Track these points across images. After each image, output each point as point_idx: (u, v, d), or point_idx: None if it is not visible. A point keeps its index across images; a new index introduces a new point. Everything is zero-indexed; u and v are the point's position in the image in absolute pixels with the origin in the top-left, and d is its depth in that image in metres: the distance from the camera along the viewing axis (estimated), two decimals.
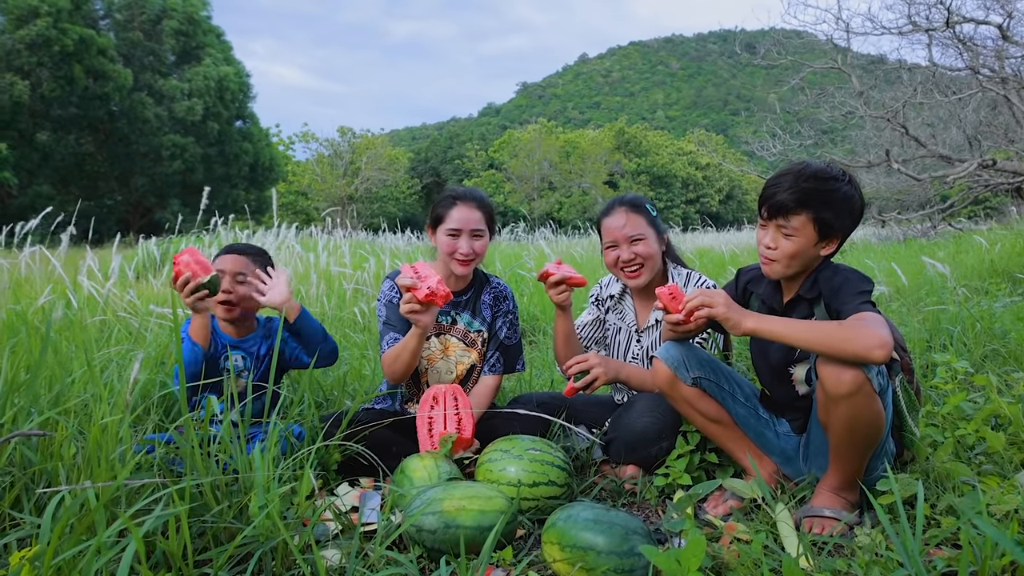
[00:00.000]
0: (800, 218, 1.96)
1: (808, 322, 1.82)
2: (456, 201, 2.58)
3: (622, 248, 2.55)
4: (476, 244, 2.56)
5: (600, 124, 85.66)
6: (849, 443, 1.85)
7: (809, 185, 1.94)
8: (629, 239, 2.53)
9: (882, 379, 1.82)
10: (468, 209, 2.56)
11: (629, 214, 2.55)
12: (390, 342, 2.54)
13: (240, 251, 2.58)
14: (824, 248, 2.00)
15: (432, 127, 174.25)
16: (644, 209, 2.58)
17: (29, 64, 28.66)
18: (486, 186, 54.65)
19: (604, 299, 2.83)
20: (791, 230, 1.97)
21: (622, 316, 2.75)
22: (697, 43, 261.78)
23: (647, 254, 2.54)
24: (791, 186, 1.95)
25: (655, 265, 2.57)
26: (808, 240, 1.97)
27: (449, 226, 2.55)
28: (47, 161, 30.93)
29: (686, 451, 2.29)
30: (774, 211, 1.99)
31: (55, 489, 1.41)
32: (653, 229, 2.56)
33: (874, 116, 14.60)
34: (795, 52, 16.53)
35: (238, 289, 2.51)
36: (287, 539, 1.40)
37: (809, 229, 1.96)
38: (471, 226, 2.55)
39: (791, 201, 1.95)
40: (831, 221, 1.95)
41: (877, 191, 19.19)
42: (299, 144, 53.08)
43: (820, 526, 1.87)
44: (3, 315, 3.77)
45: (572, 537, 1.68)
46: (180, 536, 1.39)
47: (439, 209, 2.61)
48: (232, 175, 36.60)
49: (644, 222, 2.55)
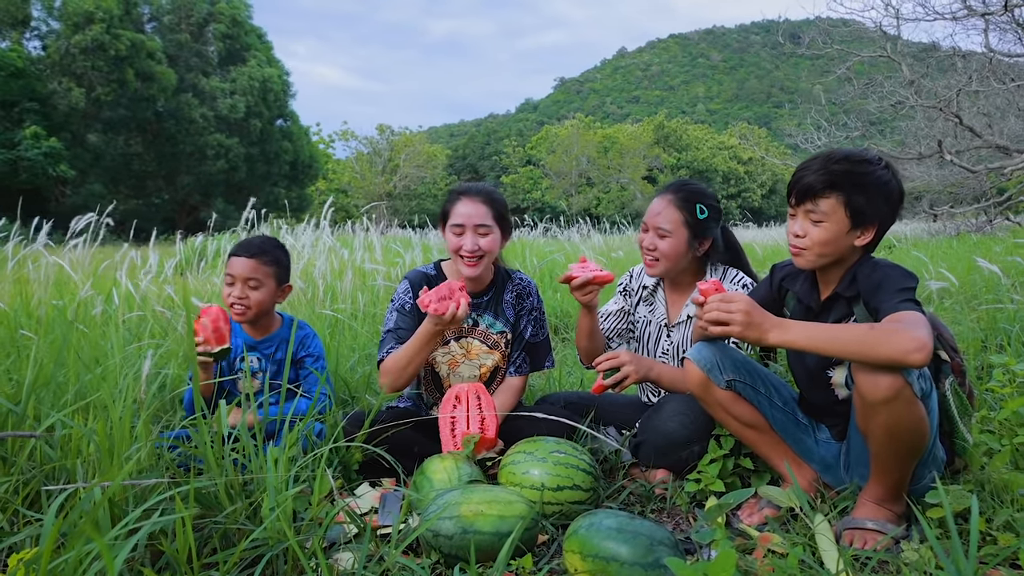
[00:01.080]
0: (829, 201, 1.83)
1: (838, 327, 1.69)
2: (461, 196, 2.47)
3: (650, 234, 2.43)
4: (482, 241, 2.42)
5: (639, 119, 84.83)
6: (890, 451, 1.72)
7: (840, 167, 1.81)
8: (657, 229, 2.41)
9: (924, 383, 1.68)
10: (473, 204, 2.44)
11: (669, 206, 2.40)
12: (391, 351, 2.41)
13: (253, 252, 2.46)
14: (859, 238, 1.86)
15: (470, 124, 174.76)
16: (690, 207, 2.40)
17: (83, 68, 29.60)
18: (523, 182, 54.61)
19: (634, 289, 2.71)
20: (820, 215, 1.84)
21: (653, 309, 2.63)
22: (739, 34, 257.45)
23: (665, 252, 2.40)
24: (820, 168, 1.83)
25: (673, 265, 2.44)
26: (839, 227, 1.84)
27: (453, 222, 2.44)
28: (98, 161, 31.92)
29: (719, 456, 2.18)
30: (802, 195, 1.86)
31: (60, 487, 1.37)
32: (688, 229, 2.40)
33: (926, 106, 14.06)
34: (841, 41, 16.05)
35: (251, 295, 2.43)
36: (292, 544, 1.33)
37: (840, 214, 1.83)
38: (475, 221, 2.41)
39: (820, 183, 1.82)
40: (863, 207, 1.82)
41: (929, 184, 18.53)
42: (339, 142, 53.74)
43: (862, 540, 1.75)
44: (43, 311, 3.82)
45: (594, 546, 1.59)
46: (185, 538, 1.33)
47: (446, 205, 2.51)
48: (273, 173, 37.29)
49: (680, 220, 2.39)
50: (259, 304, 2.46)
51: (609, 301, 2.78)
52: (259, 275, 2.44)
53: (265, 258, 2.47)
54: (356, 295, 5.48)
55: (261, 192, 36.10)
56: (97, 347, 2.88)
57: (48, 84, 29.04)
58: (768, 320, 1.73)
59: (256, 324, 2.53)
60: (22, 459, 1.64)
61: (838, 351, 1.64)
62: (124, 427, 1.60)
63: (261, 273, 2.45)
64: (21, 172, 27.50)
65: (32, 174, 27.40)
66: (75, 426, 1.55)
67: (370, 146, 52.21)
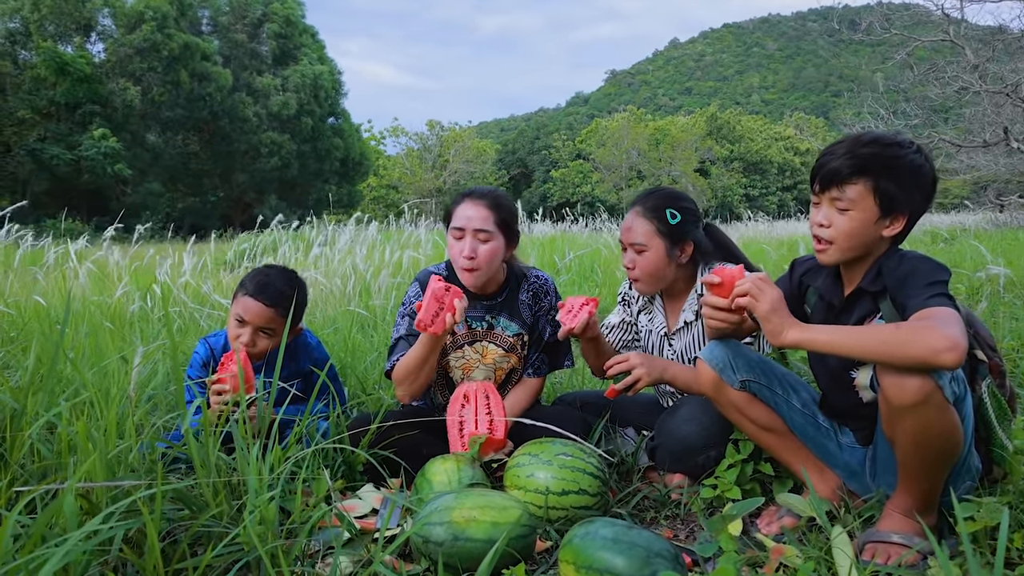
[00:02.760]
0: (857, 188, 1.68)
1: (860, 329, 1.55)
2: (465, 198, 2.34)
3: (628, 252, 2.31)
4: (481, 248, 2.26)
5: (691, 110, 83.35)
6: (919, 460, 1.58)
7: (868, 150, 1.67)
8: (633, 245, 2.28)
9: (957, 386, 1.54)
10: (475, 207, 2.28)
11: (638, 218, 2.27)
12: (400, 359, 2.30)
13: (273, 301, 2.29)
14: (888, 228, 1.71)
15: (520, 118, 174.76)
16: (659, 215, 2.25)
17: (140, 69, 30.63)
18: (573, 176, 54.28)
19: (634, 297, 2.59)
20: (847, 203, 1.69)
21: (652, 319, 2.51)
22: (795, 22, 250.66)
23: (645, 267, 2.27)
24: (847, 152, 1.68)
25: (658, 278, 2.31)
26: (868, 216, 1.69)
27: (454, 224, 2.30)
28: (157, 161, 32.96)
29: (737, 460, 2.05)
30: (827, 181, 1.72)
31: (29, 488, 1.35)
32: (663, 239, 2.25)
33: (991, 91, 13.42)
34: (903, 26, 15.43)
35: (259, 343, 2.31)
36: (261, 553, 1.29)
37: (868, 202, 1.68)
38: (476, 225, 2.26)
39: (847, 168, 1.68)
40: (894, 193, 1.67)
41: (996, 173, 17.69)
42: (389, 139, 54.29)
43: (886, 554, 1.61)
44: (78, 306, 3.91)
45: (588, 557, 1.50)
46: (152, 543, 1.30)
47: (451, 206, 2.38)
48: (324, 170, 37.89)
49: (652, 231, 2.24)
50: (266, 349, 2.34)
51: (611, 314, 2.67)
52: (273, 324, 2.30)
53: (282, 308, 2.30)
54: (391, 292, 5.49)
55: (313, 189, 36.78)
56: (122, 343, 2.92)
57: (107, 85, 30.00)
58: (790, 319, 1.62)
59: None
60: (16, 457, 1.64)
61: (862, 354, 1.52)
62: (110, 425, 1.58)
63: (276, 323, 2.30)
64: (84, 172, 28.52)
65: (94, 174, 28.36)
66: (60, 425, 1.53)
67: (420, 142, 52.59)
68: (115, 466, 1.59)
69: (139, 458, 1.64)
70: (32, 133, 29.19)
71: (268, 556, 1.38)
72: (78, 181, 28.57)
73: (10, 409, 1.78)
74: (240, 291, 2.32)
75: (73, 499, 1.28)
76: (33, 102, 28.89)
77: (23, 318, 3.46)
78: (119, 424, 1.69)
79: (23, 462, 1.70)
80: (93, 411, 1.79)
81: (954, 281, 6.09)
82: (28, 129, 29.28)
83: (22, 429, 1.71)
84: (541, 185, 56.94)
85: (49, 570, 1.03)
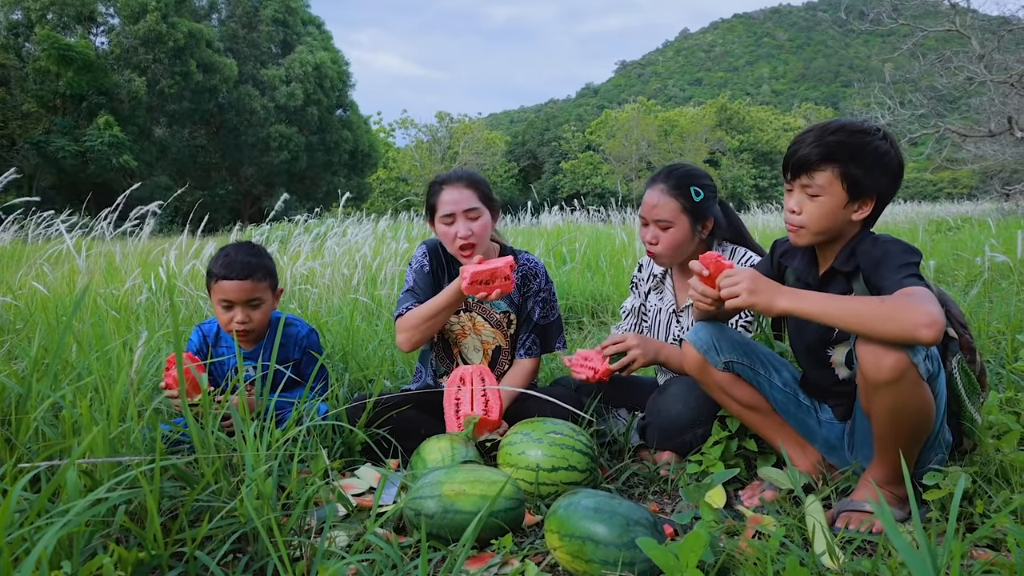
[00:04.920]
0: (825, 174, 1.75)
1: (848, 298, 1.62)
2: (444, 185, 2.44)
3: (650, 228, 2.38)
4: (474, 225, 2.39)
5: (702, 101, 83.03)
6: (894, 434, 1.65)
7: (835, 138, 1.74)
8: (657, 222, 2.34)
9: (931, 364, 1.60)
10: (456, 190, 2.41)
11: (664, 195, 2.32)
12: (409, 308, 2.43)
13: (246, 273, 2.35)
14: (857, 212, 1.78)
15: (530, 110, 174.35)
16: (684, 193, 2.32)
17: (146, 61, 30.43)
18: (583, 168, 54.17)
19: (644, 279, 2.67)
20: (816, 188, 1.76)
21: (662, 296, 2.59)
22: (806, 12, 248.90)
23: (669, 243, 2.33)
24: (815, 140, 1.75)
25: (680, 254, 2.38)
26: (836, 201, 1.76)
27: (442, 212, 2.41)
28: (164, 154, 32.94)
29: (722, 437, 2.13)
30: (797, 168, 1.79)
31: (32, 465, 1.43)
32: (688, 216, 2.32)
33: (997, 80, 13.34)
34: (912, 16, 15.34)
35: (253, 317, 2.38)
36: (258, 524, 1.36)
37: (837, 187, 1.75)
38: (464, 206, 2.38)
39: (815, 155, 1.75)
40: (861, 179, 1.74)
41: (1003, 163, 17.58)
42: (399, 131, 54.30)
43: (858, 521, 1.68)
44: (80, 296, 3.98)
45: (571, 526, 1.57)
46: (151, 515, 1.37)
47: (430, 199, 2.48)
48: (333, 162, 37.73)
49: (677, 208, 2.31)
50: (262, 322, 2.41)
51: (628, 299, 2.76)
52: (258, 293, 2.38)
53: (259, 275, 2.38)
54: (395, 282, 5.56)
55: (321, 181, 36.65)
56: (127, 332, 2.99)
57: (112, 77, 29.84)
58: (777, 288, 1.68)
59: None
60: (22, 439, 1.72)
61: (849, 322, 1.58)
62: (112, 407, 1.66)
63: (259, 291, 2.39)
64: (90, 164, 28.37)
65: (100, 166, 28.14)
66: (65, 406, 1.60)
67: (429, 134, 52.60)
68: (117, 445, 1.67)
69: (140, 439, 1.71)
70: (38, 127, 29.12)
71: (265, 528, 1.45)
72: (84, 174, 28.48)
73: (15, 395, 1.85)
74: (211, 280, 2.38)
75: (75, 472, 1.35)
76: (38, 95, 28.73)
77: (29, 309, 3.54)
78: (122, 407, 1.76)
79: (29, 445, 1.78)
80: (97, 395, 1.86)
81: (954, 267, 6.12)
82: (34, 123, 29.17)
83: (27, 413, 1.78)
84: (551, 177, 56.86)
85: (52, 537, 1.10)
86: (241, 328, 2.36)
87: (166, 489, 1.66)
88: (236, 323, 2.36)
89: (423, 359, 2.75)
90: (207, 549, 1.54)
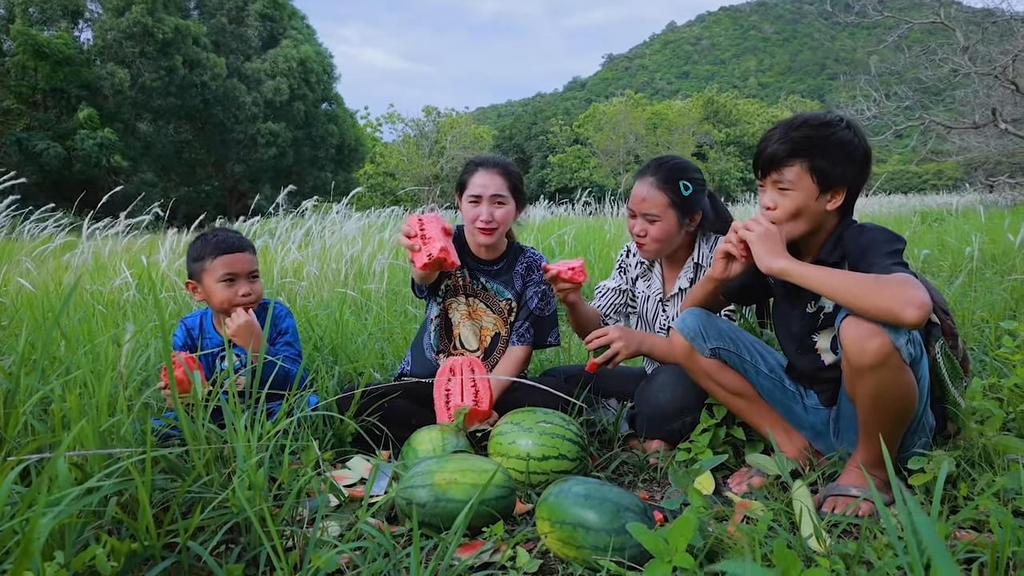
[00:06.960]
0: (794, 169, 1.80)
1: (842, 271, 1.66)
2: (479, 167, 2.53)
3: (638, 220, 2.39)
4: (498, 212, 2.48)
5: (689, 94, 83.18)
6: (878, 418, 1.68)
7: (800, 133, 1.79)
8: (645, 215, 2.36)
9: (913, 348, 1.62)
10: (489, 175, 2.49)
11: (652, 189, 2.34)
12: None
13: (244, 246, 2.43)
14: (830, 202, 1.82)
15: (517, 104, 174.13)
16: (673, 187, 2.33)
17: (132, 55, 30.04)
18: (571, 161, 54.18)
19: (631, 265, 2.68)
20: (787, 184, 1.81)
21: (650, 284, 2.61)
22: (792, 4, 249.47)
23: (657, 236, 2.35)
24: (781, 136, 1.81)
25: (667, 246, 2.40)
26: (808, 194, 1.80)
27: (470, 192, 2.49)
28: (149, 150, 32.55)
29: (711, 425, 2.15)
30: (767, 166, 1.84)
31: (21, 457, 1.43)
32: (676, 210, 2.33)
33: (980, 72, 13.45)
34: (896, 8, 15.44)
35: (254, 289, 2.42)
36: (250, 514, 1.36)
37: (806, 180, 1.79)
38: (492, 192, 2.47)
39: (782, 151, 1.80)
40: (828, 170, 1.78)
41: (987, 155, 17.75)
42: (386, 125, 54.04)
43: (844, 506, 1.71)
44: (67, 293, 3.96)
45: (562, 513, 1.59)
46: (141, 507, 1.37)
47: (463, 176, 2.56)
48: (320, 157, 37.44)
49: (666, 202, 2.32)
50: (260, 293, 2.46)
51: (608, 278, 2.76)
52: (255, 266, 2.44)
53: (252, 248, 2.46)
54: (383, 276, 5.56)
55: (308, 176, 36.35)
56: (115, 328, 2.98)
57: (95, 71, 29.40)
58: (782, 250, 1.74)
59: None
60: (11, 433, 1.71)
61: (841, 293, 1.61)
62: (101, 401, 1.65)
63: (256, 263, 2.46)
64: (75, 163, 28.03)
65: (86, 164, 27.82)
66: (54, 399, 1.60)
67: (417, 129, 52.38)
68: (107, 438, 1.67)
69: (131, 431, 1.71)
70: (19, 123, 28.74)
71: (257, 518, 1.45)
72: (69, 172, 28.17)
73: (3, 389, 1.84)
74: (208, 259, 2.37)
75: (65, 463, 1.35)
76: (17, 91, 28.30)
77: (15, 306, 3.52)
78: (111, 401, 1.75)
79: (18, 440, 1.77)
80: (86, 390, 1.86)
81: (939, 258, 6.19)
82: (15, 119, 28.80)
83: (16, 407, 1.77)
84: (539, 171, 56.83)
85: (45, 526, 1.10)
86: (245, 301, 2.38)
87: (157, 481, 1.66)
88: (241, 296, 2.37)
89: (415, 345, 2.76)
90: (200, 540, 1.54)
